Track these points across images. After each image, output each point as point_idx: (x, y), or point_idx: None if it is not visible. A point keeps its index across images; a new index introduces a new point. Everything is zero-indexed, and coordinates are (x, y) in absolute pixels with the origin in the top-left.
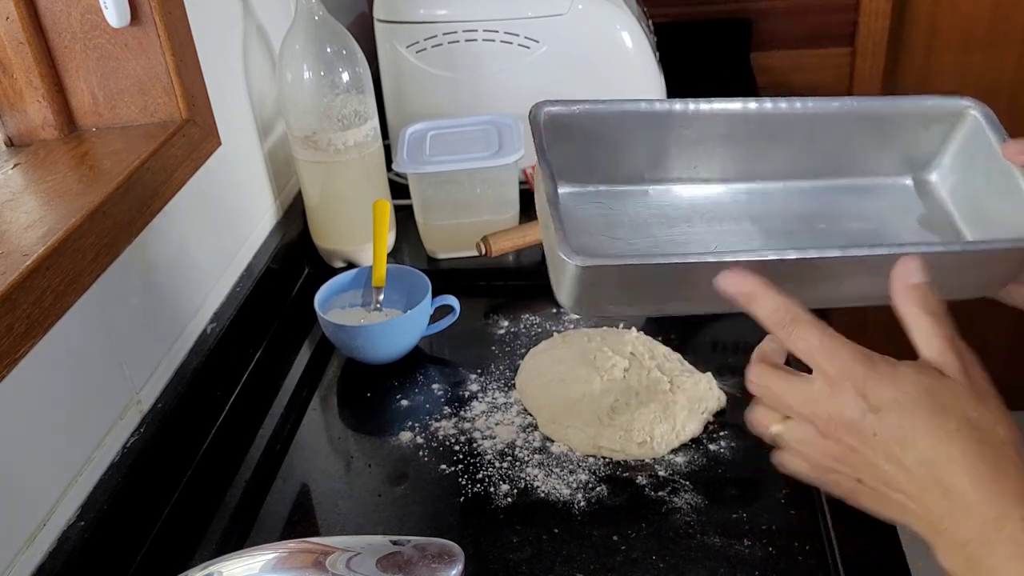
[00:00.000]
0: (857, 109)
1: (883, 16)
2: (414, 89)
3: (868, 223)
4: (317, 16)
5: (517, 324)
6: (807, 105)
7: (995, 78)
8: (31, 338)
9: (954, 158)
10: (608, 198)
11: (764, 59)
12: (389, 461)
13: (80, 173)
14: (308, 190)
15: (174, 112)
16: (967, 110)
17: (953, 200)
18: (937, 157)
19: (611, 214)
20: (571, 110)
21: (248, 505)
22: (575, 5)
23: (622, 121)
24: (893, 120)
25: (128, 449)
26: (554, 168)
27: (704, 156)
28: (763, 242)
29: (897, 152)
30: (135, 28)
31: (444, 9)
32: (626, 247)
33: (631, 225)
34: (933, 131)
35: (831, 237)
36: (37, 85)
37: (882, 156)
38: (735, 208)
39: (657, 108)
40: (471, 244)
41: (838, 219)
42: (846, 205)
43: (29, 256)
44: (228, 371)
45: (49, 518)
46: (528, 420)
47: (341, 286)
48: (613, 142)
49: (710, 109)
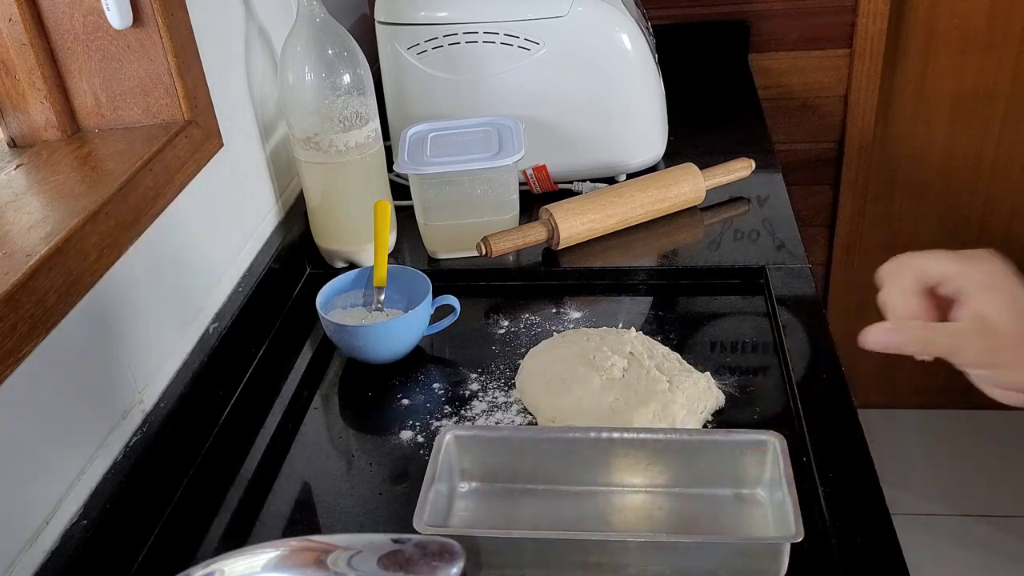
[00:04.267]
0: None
1: (881, 18)
2: (415, 90)
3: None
4: (318, 18)
5: (517, 324)
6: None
7: (992, 80)
8: (34, 338)
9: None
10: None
11: (762, 61)
12: (390, 460)
13: (83, 174)
14: (309, 191)
15: (176, 113)
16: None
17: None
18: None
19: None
20: (472, 434)
21: (249, 504)
22: (575, 7)
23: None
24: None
25: (130, 448)
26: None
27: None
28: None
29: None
30: (137, 30)
31: (445, 11)
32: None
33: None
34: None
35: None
36: (40, 86)
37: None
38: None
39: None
40: (471, 244)
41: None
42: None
43: (32, 256)
44: (230, 370)
45: (52, 517)
46: (528, 419)
47: (342, 286)
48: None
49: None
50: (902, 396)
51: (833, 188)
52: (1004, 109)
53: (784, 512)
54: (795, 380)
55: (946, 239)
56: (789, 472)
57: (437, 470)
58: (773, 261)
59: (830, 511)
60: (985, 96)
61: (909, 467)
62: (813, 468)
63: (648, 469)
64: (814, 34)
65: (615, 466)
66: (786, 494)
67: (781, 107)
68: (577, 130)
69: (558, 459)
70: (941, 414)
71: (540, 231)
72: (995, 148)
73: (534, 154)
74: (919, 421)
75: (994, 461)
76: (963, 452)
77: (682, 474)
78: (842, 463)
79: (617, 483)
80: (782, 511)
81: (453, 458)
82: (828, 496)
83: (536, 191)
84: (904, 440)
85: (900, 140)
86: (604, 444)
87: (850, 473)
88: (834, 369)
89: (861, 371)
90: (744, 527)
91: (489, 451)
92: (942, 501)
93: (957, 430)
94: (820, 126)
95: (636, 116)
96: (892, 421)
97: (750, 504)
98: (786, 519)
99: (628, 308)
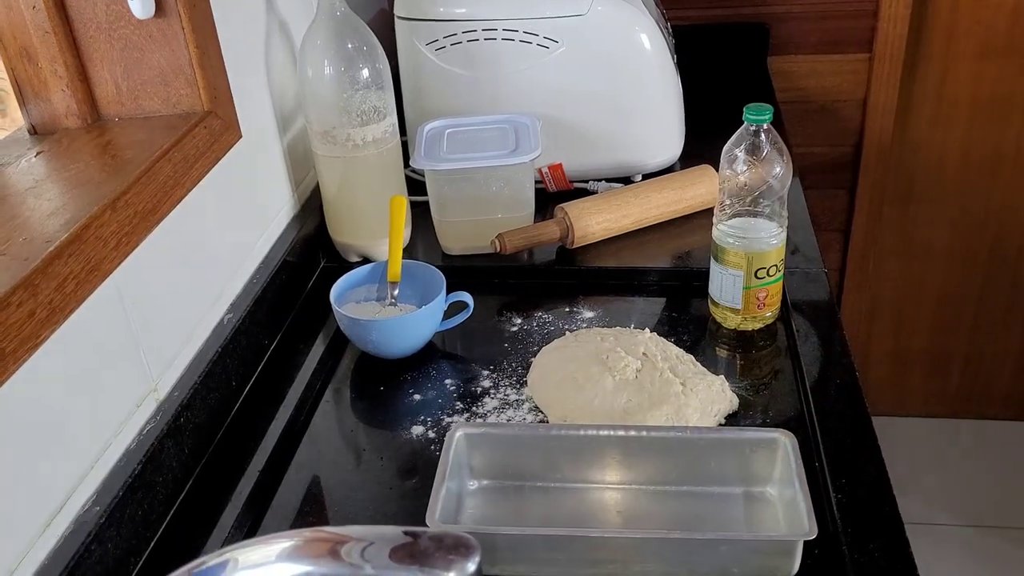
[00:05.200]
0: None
1: (901, 22)
2: (433, 86)
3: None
4: (339, 12)
5: (530, 322)
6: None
7: (1012, 86)
8: (52, 324)
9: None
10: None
11: (781, 64)
12: (400, 455)
13: (102, 162)
14: (326, 184)
15: (196, 104)
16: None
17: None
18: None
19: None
20: (483, 432)
21: (260, 494)
22: (595, 6)
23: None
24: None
25: (144, 436)
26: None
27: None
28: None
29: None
30: (159, 20)
31: (464, 7)
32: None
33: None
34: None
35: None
36: (62, 74)
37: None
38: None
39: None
40: (486, 241)
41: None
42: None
43: (51, 243)
44: (244, 361)
45: (65, 503)
46: (539, 417)
47: (357, 280)
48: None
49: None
50: (912, 404)
51: (849, 192)
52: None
53: (795, 510)
54: (808, 384)
55: (960, 246)
56: (801, 470)
57: (448, 467)
58: (788, 265)
59: (842, 515)
60: (1004, 102)
61: (918, 475)
62: (825, 472)
63: (658, 467)
64: (834, 37)
65: (625, 464)
66: (798, 491)
67: (799, 110)
68: (594, 129)
69: (569, 456)
70: (951, 423)
71: (555, 229)
72: (1013, 154)
73: (550, 152)
74: (929, 429)
75: (1004, 471)
76: (973, 462)
77: (692, 472)
78: (855, 468)
79: (627, 481)
80: (792, 509)
81: (464, 455)
82: (840, 501)
83: (551, 190)
84: (914, 448)
85: (918, 145)
86: (614, 442)
87: (863, 478)
88: (848, 374)
89: (872, 378)
90: (754, 525)
91: (500, 448)
92: (951, 510)
93: (967, 439)
94: (838, 130)
95: (653, 117)
96: (902, 429)
97: (760, 502)
98: (798, 517)
99: (641, 308)
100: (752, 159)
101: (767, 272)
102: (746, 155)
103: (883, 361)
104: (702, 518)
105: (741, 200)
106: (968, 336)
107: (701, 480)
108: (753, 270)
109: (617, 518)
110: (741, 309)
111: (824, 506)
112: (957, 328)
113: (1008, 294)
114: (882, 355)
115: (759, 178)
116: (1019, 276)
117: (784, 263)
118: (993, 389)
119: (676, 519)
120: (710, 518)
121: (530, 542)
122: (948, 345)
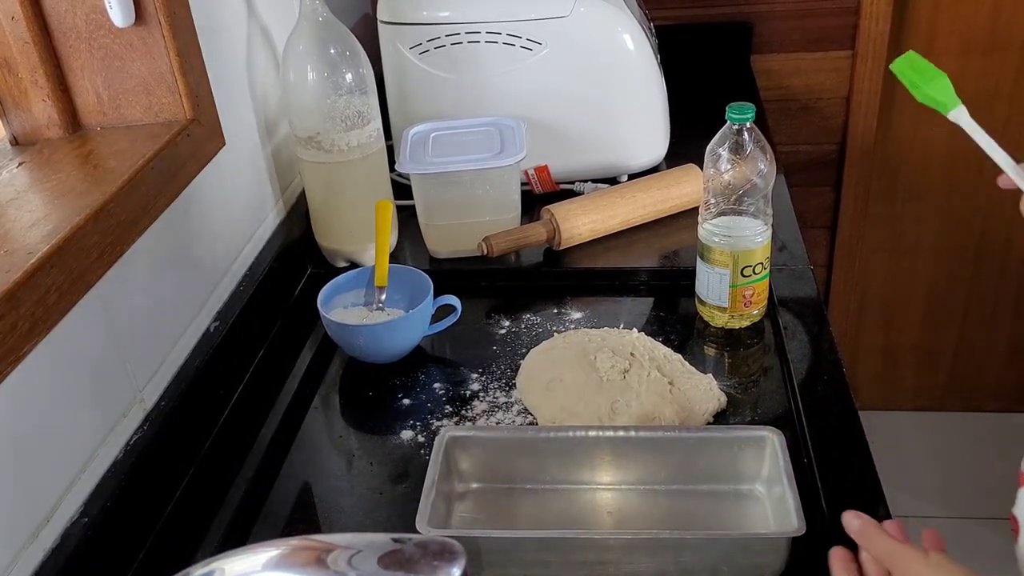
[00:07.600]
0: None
1: (883, 20)
2: (417, 90)
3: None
4: (321, 17)
5: (518, 324)
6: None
7: (994, 83)
8: (35, 336)
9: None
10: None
11: (764, 62)
12: (391, 460)
13: (84, 172)
14: (311, 190)
15: (178, 112)
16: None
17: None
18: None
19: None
20: (472, 435)
21: (250, 503)
22: (577, 7)
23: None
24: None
25: (131, 447)
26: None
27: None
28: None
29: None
30: (140, 28)
31: (447, 11)
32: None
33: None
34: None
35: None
36: (42, 84)
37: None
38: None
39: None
40: (473, 244)
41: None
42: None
43: (33, 254)
44: (231, 369)
45: (52, 515)
46: (529, 419)
47: (343, 285)
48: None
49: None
50: (902, 398)
51: (835, 190)
52: (1006, 112)
53: (784, 507)
54: (796, 381)
55: (947, 241)
56: (789, 467)
57: (437, 471)
58: (775, 262)
59: (831, 511)
60: (987, 99)
61: (908, 469)
62: (814, 469)
63: (647, 467)
64: (816, 36)
65: (615, 464)
66: (786, 488)
67: (783, 108)
68: (579, 130)
69: (558, 458)
70: (940, 416)
71: (541, 231)
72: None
73: (536, 154)
74: (918, 423)
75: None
76: (962, 455)
77: (681, 471)
78: (843, 464)
79: (617, 481)
80: (781, 506)
81: (453, 459)
82: (828, 496)
83: (538, 191)
84: (903, 442)
85: (902, 142)
86: (603, 442)
87: (851, 474)
88: (835, 370)
89: (862, 373)
90: (743, 523)
91: (489, 451)
92: (940, 503)
93: (956, 433)
94: (822, 128)
95: (638, 117)
96: (891, 423)
97: (749, 500)
98: (786, 513)
99: (629, 309)
100: (736, 158)
101: (753, 270)
102: (729, 154)
103: (873, 356)
104: (692, 517)
105: (726, 199)
106: (957, 330)
107: (690, 479)
108: (739, 268)
109: (607, 518)
110: (728, 307)
111: (813, 502)
112: (946, 322)
113: (996, 287)
114: (872, 350)
115: (743, 176)
116: (1006, 269)
117: (770, 261)
118: (983, 382)
119: (666, 518)
120: (700, 517)
121: (521, 544)
122: (937, 339)
